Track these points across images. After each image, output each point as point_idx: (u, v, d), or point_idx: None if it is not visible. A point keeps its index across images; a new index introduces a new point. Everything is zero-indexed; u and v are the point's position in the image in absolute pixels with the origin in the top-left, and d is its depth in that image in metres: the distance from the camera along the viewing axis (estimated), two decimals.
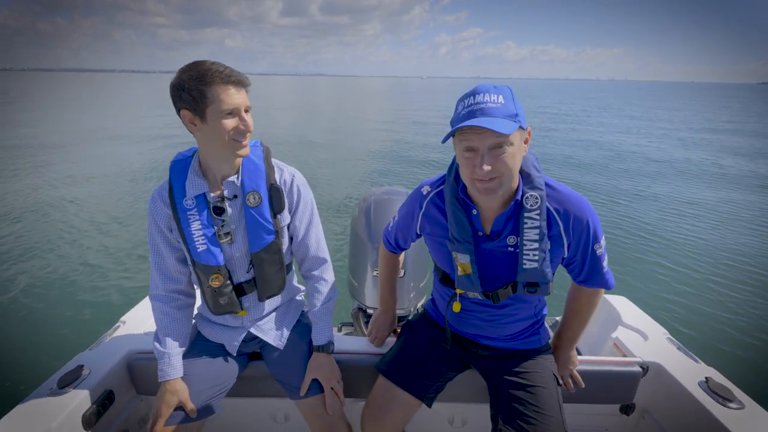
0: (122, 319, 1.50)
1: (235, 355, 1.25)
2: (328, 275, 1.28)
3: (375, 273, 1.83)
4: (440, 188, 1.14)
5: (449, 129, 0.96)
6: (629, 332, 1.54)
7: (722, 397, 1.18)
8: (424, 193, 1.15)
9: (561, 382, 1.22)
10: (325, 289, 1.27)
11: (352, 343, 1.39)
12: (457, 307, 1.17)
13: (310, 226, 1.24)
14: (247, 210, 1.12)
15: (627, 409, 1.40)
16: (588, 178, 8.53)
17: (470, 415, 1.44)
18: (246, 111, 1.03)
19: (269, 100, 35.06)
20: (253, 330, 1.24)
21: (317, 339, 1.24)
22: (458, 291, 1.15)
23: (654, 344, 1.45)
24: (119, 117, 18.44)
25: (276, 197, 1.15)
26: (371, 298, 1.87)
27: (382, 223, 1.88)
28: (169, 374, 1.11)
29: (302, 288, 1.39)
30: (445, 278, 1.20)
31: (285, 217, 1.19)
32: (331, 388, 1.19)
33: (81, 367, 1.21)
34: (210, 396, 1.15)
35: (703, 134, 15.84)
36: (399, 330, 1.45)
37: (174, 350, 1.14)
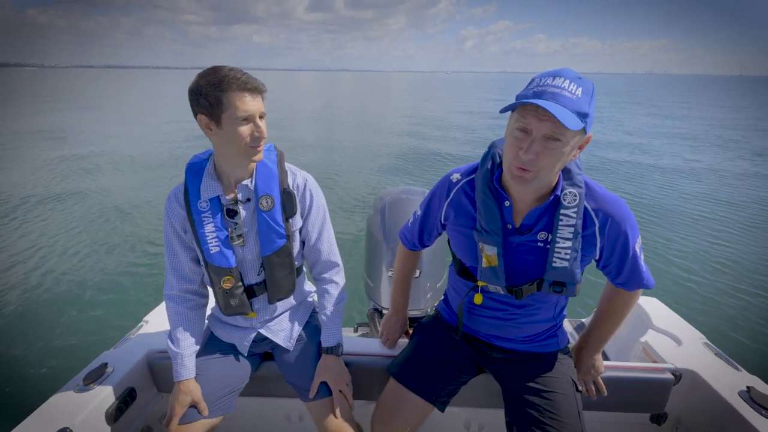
0: (145, 318, 1.55)
1: (246, 355, 1.27)
2: (339, 278, 1.29)
3: (390, 273, 1.81)
4: (471, 177, 1.09)
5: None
6: (660, 336, 1.45)
7: (766, 408, 1.09)
8: (454, 180, 1.11)
9: (580, 387, 1.16)
10: (335, 291, 1.27)
11: (363, 344, 1.38)
12: (478, 298, 1.12)
13: (323, 231, 1.25)
14: (260, 213, 1.14)
15: (658, 418, 1.31)
16: (613, 167, 8.17)
17: (486, 420, 1.40)
18: (261, 117, 1.05)
19: (292, 96, 35.52)
20: (262, 331, 1.25)
21: (326, 341, 1.24)
22: (480, 283, 1.11)
23: (688, 350, 1.35)
24: (154, 112, 19.21)
25: (288, 202, 1.16)
26: (387, 299, 1.85)
27: (398, 222, 1.85)
28: (183, 374, 1.13)
29: (313, 290, 1.39)
30: (464, 271, 1.16)
31: (297, 222, 1.20)
32: (340, 391, 1.19)
33: (105, 365, 1.25)
34: (223, 395, 1.17)
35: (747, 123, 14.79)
36: (411, 331, 1.42)
37: (187, 351, 1.16)
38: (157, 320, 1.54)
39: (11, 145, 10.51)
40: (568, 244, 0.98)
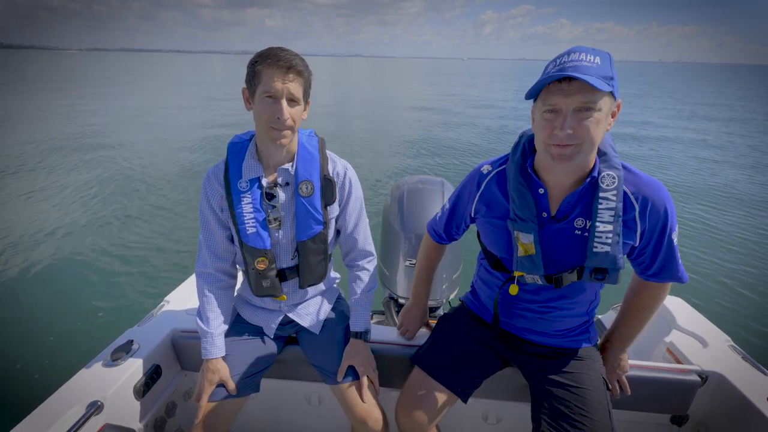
0: (167, 298, 1.58)
1: (272, 337, 1.29)
2: (371, 267, 1.31)
3: (407, 263, 1.81)
4: (502, 167, 1.08)
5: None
6: (685, 337, 1.43)
7: None
8: (485, 172, 1.10)
9: (609, 386, 1.15)
10: (366, 278, 1.28)
11: (385, 333, 1.39)
12: (514, 289, 1.10)
13: (359, 221, 1.25)
14: (299, 198, 1.14)
15: (679, 420, 1.31)
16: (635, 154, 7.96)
17: (505, 412, 1.41)
18: (291, 100, 1.02)
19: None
20: (290, 314, 1.27)
21: (355, 325, 1.25)
22: (516, 273, 1.08)
23: (714, 352, 1.33)
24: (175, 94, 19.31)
25: (328, 189, 1.16)
26: (403, 288, 1.86)
27: (415, 212, 1.84)
28: (212, 353, 1.15)
29: (338, 276, 1.40)
30: (498, 264, 1.15)
31: (334, 209, 1.20)
32: (367, 376, 1.20)
33: (131, 341, 1.29)
34: (248, 375, 1.19)
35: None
36: (430, 322, 1.43)
37: (217, 330, 1.18)
38: (178, 299, 1.57)
39: (34, 122, 10.71)
40: (609, 227, 0.95)
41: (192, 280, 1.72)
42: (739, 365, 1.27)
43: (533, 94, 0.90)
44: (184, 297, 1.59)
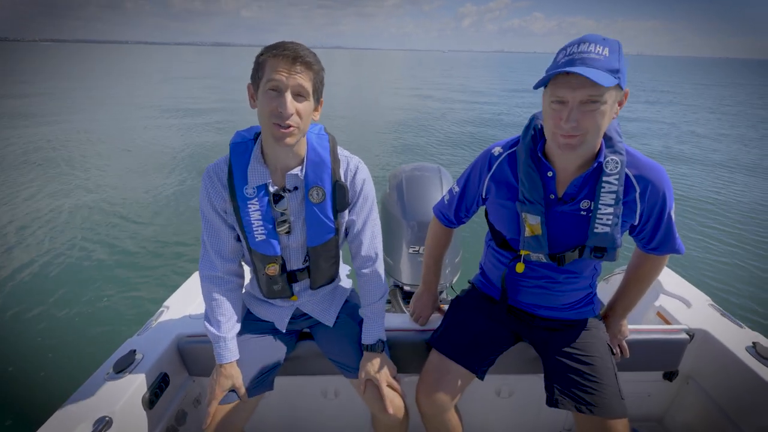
0: (165, 303, 1.51)
1: (284, 332, 1.26)
2: (380, 270, 1.23)
3: (411, 250, 1.81)
4: (513, 149, 1.11)
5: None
6: (672, 300, 1.54)
7: None
8: (495, 153, 1.13)
9: (614, 351, 1.23)
10: (374, 288, 1.22)
11: (396, 320, 1.39)
12: (520, 267, 1.15)
13: (367, 221, 1.18)
14: (309, 205, 1.08)
15: (670, 375, 1.42)
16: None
17: (517, 386, 1.46)
18: (298, 95, 0.94)
19: None
20: (302, 308, 1.24)
21: (365, 338, 1.20)
22: (522, 252, 1.13)
23: (697, 311, 1.45)
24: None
25: (341, 195, 1.10)
26: (407, 275, 1.86)
27: (416, 199, 1.83)
28: (226, 357, 1.10)
29: (349, 268, 1.38)
30: (504, 243, 1.19)
31: (345, 214, 1.15)
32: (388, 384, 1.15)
33: (134, 351, 1.23)
34: (261, 375, 1.16)
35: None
36: (442, 306, 1.43)
37: (230, 333, 1.13)
38: (178, 304, 1.51)
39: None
40: (610, 210, 1.01)
41: (190, 283, 1.66)
42: (719, 321, 1.39)
43: (542, 84, 0.93)
44: (184, 301, 1.53)
